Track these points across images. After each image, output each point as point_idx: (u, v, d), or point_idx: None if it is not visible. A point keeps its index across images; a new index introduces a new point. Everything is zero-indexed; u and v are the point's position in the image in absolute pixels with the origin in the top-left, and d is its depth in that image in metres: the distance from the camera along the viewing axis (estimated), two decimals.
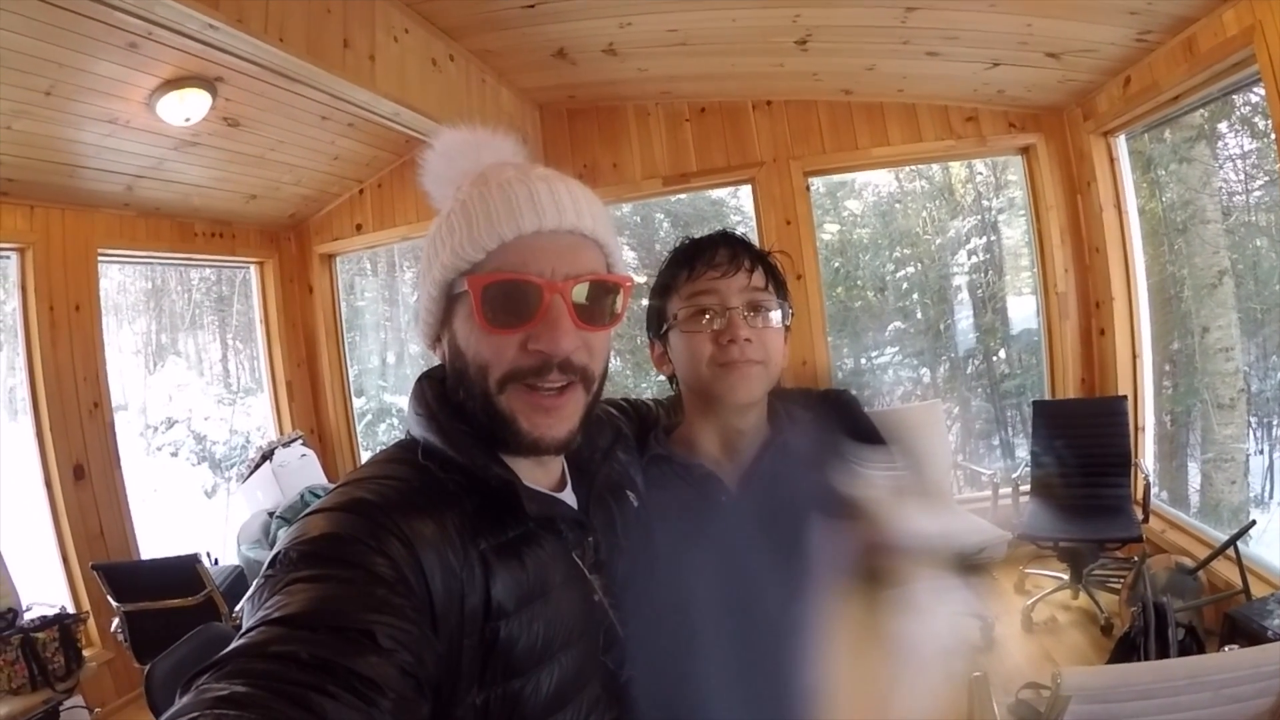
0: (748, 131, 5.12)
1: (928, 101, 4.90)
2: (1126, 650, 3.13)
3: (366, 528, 0.75)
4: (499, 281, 0.84)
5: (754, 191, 5.19)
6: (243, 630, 0.67)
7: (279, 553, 0.74)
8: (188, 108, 3.78)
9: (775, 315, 1.22)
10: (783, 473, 1.23)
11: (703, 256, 1.23)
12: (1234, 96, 4.18)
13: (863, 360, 7.77)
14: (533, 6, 3.59)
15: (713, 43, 4.14)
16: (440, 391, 0.93)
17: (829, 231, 7.88)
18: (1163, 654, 2.91)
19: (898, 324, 7.78)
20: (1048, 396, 5.00)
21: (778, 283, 1.26)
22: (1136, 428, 4.54)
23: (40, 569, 4.35)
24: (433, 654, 0.73)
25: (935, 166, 7.01)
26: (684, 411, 1.30)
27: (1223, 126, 4.84)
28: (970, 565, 3.96)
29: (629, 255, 8.70)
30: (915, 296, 7.76)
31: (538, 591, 0.86)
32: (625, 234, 8.24)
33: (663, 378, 1.34)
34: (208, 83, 3.71)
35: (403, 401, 6.00)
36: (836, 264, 7.63)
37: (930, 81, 4.63)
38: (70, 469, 4.36)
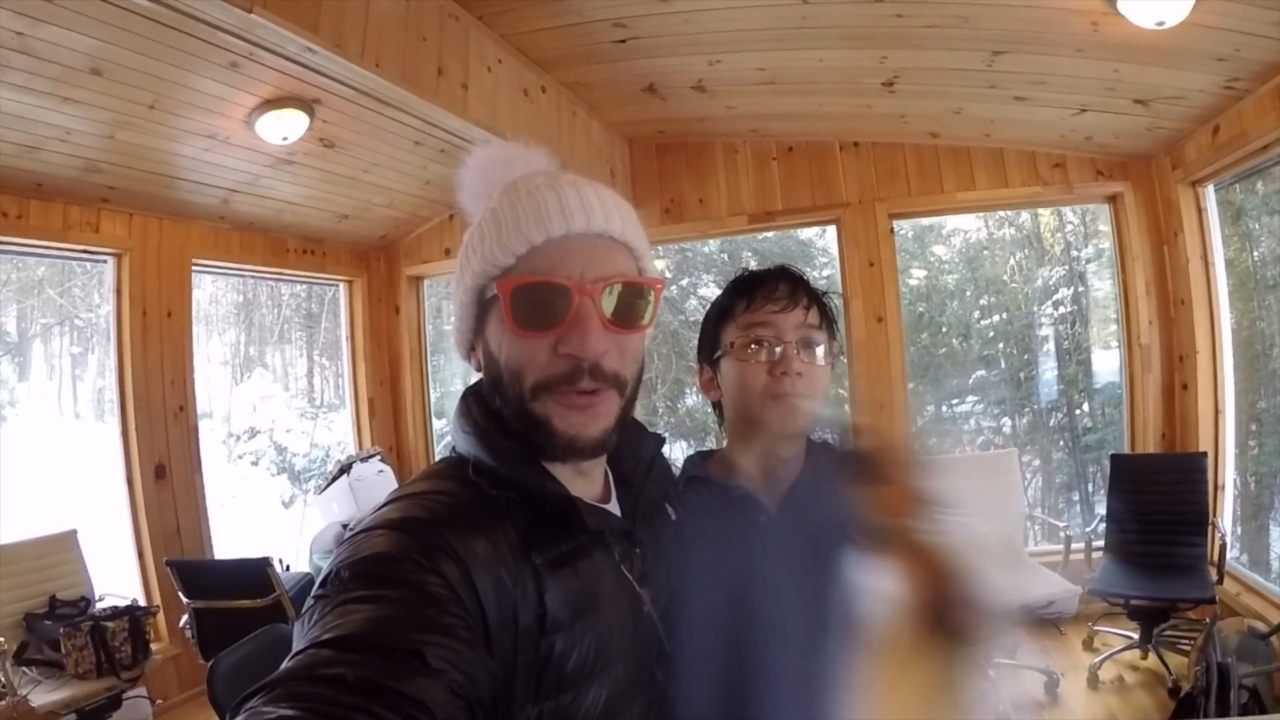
0: (834, 172, 5.15)
1: (1015, 147, 4.88)
2: (1187, 710, 3.07)
3: (418, 546, 0.75)
4: (528, 284, 0.84)
5: (839, 232, 5.21)
6: (294, 651, 0.67)
7: (330, 573, 0.75)
8: (285, 127, 3.93)
9: (823, 352, 1.27)
10: (819, 498, 1.24)
11: (762, 289, 1.27)
12: None
13: (944, 408, 7.70)
14: (624, 42, 3.69)
15: (800, 83, 4.21)
16: (486, 407, 0.92)
17: (915, 276, 7.88)
18: (1222, 715, 2.83)
19: (981, 372, 7.70)
20: (1127, 450, 4.89)
21: (829, 322, 1.30)
22: (1216, 486, 4.40)
23: (116, 563, 4.53)
24: (485, 673, 0.72)
25: (1024, 214, 6.97)
26: (726, 436, 1.34)
27: None
28: (1038, 620, 3.85)
29: (713, 292, 8.73)
30: (1000, 345, 7.68)
31: (589, 605, 0.86)
32: (712, 271, 8.28)
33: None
34: (305, 104, 3.86)
35: None
36: (921, 309, 7.59)
37: (1017, 127, 4.61)
38: (152, 468, 4.55)
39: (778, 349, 1.23)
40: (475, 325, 0.92)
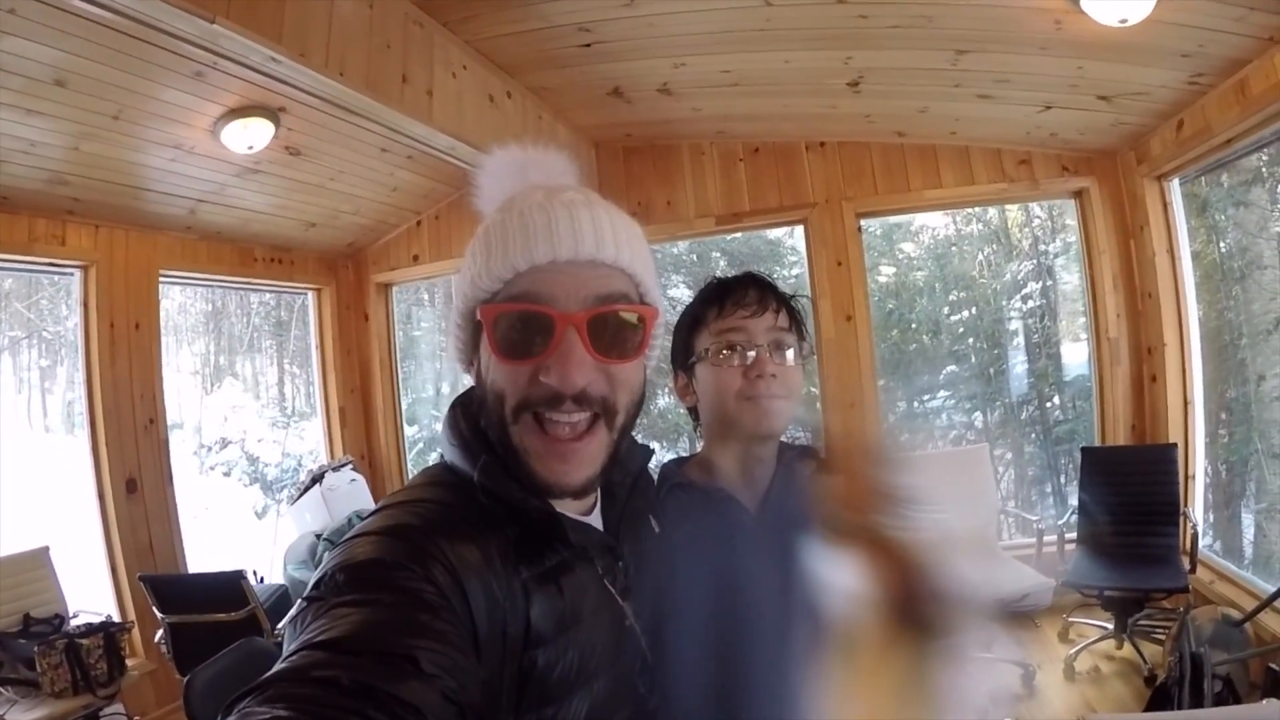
0: (800, 172, 5.21)
1: (981, 144, 4.96)
2: (1161, 700, 3.10)
3: (412, 552, 0.75)
4: (509, 312, 0.84)
5: (806, 232, 5.26)
6: (286, 653, 0.67)
7: (324, 576, 0.75)
8: (251, 136, 3.94)
9: (794, 353, 1.32)
10: (795, 496, 1.30)
11: (732, 296, 1.32)
12: None
13: (915, 404, 7.78)
14: (589, 46, 3.73)
15: (765, 84, 4.25)
16: (474, 421, 0.92)
17: (884, 274, 7.96)
18: (1196, 704, 2.87)
19: (952, 368, 7.79)
20: (1098, 443, 4.97)
21: (798, 324, 1.35)
22: (1186, 476, 4.48)
23: (89, 578, 4.49)
24: (476, 680, 0.73)
25: (992, 210, 7.04)
26: (703, 440, 1.38)
27: None
28: (1012, 613, 3.88)
29: (683, 293, 8.79)
30: (970, 340, 7.78)
31: (572, 619, 0.86)
32: (681, 272, 8.33)
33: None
34: (271, 112, 3.87)
35: None
36: (890, 306, 7.68)
37: (983, 124, 4.69)
38: (124, 482, 4.53)
39: (750, 353, 1.28)
40: (471, 343, 0.92)
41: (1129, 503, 4.34)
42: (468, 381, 0.96)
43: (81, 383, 4.64)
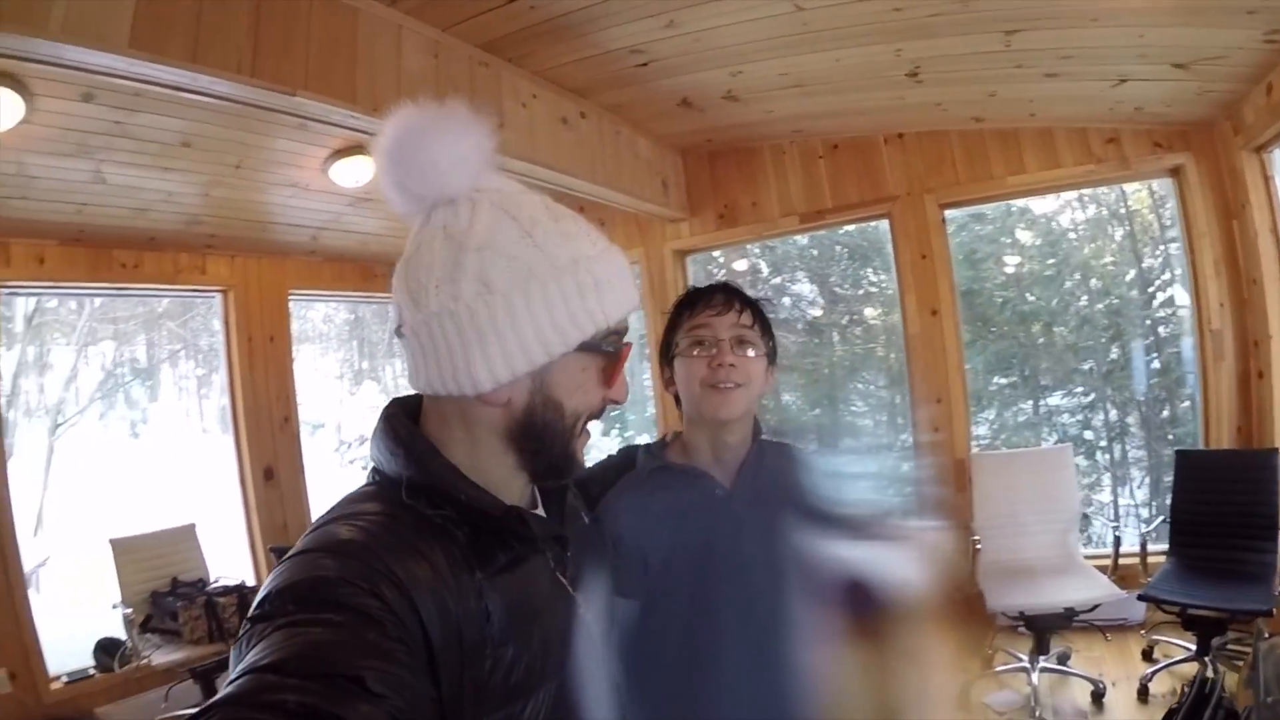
0: (880, 165, 5.28)
1: (1064, 124, 4.86)
2: None
3: (358, 570, 0.76)
4: (626, 348, 0.96)
5: (890, 226, 5.35)
6: (231, 677, 0.68)
7: (267, 595, 0.76)
8: (356, 171, 4.51)
9: (756, 349, 1.57)
10: (764, 476, 1.60)
11: (702, 299, 1.59)
12: None
13: (1037, 403, 7.76)
14: (645, 65, 4.02)
15: (825, 82, 4.38)
16: (415, 427, 0.95)
17: (1009, 264, 7.92)
18: None
19: (1089, 363, 7.62)
20: (1201, 446, 4.77)
21: (764, 324, 1.60)
22: None
23: (230, 552, 5.44)
24: (426, 699, 0.75)
25: (1114, 192, 6.89)
26: (683, 425, 1.66)
27: None
28: (1086, 625, 3.75)
29: (805, 288, 9.03)
30: (1091, 335, 7.60)
31: (531, 613, 0.91)
32: (806, 267, 8.69)
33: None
34: (369, 150, 4.36)
35: None
36: (1006, 297, 7.65)
37: (1060, 103, 4.62)
38: (262, 471, 5.38)
39: (714, 347, 1.53)
40: (533, 365, 0.90)
41: (1224, 513, 4.14)
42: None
43: (225, 388, 5.50)
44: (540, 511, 1.05)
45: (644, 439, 1.82)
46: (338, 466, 10.50)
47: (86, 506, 9.80)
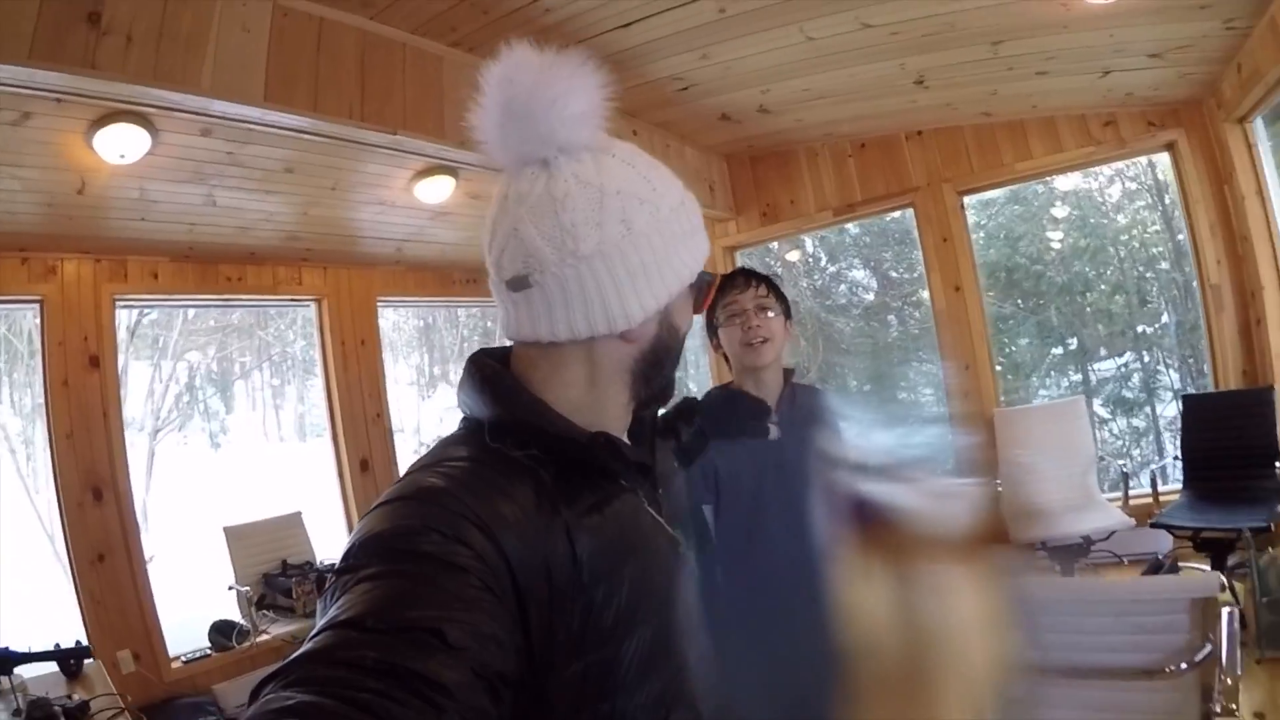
0: (903, 160, 6.00)
1: (1064, 112, 5.47)
2: None
3: (440, 515, 0.76)
4: (717, 277, 1.05)
5: (915, 213, 6.05)
6: (312, 633, 0.68)
7: (350, 548, 0.76)
8: (438, 190, 5.14)
9: (774, 311, 2.15)
10: (798, 408, 2.20)
11: (730, 283, 2.17)
12: None
13: (1091, 369, 8.32)
14: (686, 89, 4.75)
15: (846, 94, 5.06)
16: (503, 368, 0.97)
17: (1055, 239, 8.54)
18: None
19: (1113, 328, 8.17)
20: (1211, 389, 5.36)
21: (777, 292, 2.19)
22: None
23: (333, 537, 5.99)
24: (511, 647, 0.74)
25: (1140, 165, 7.44)
26: (733, 375, 2.28)
27: None
28: (1102, 556, 4.30)
29: (860, 274, 9.69)
30: (1118, 299, 8.19)
31: (625, 551, 0.89)
32: (860, 255, 9.47)
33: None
34: (451, 170, 5.02)
35: None
36: (1039, 271, 8.19)
37: (1057, 95, 5.21)
38: (359, 462, 6.04)
39: (743, 316, 2.12)
40: (670, 297, 0.96)
41: (1227, 447, 4.70)
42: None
43: (321, 390, 6.24)
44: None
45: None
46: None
47: (186, 506, 10.58)
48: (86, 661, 3.58)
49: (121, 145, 3.68)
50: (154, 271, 5.12)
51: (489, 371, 0.94)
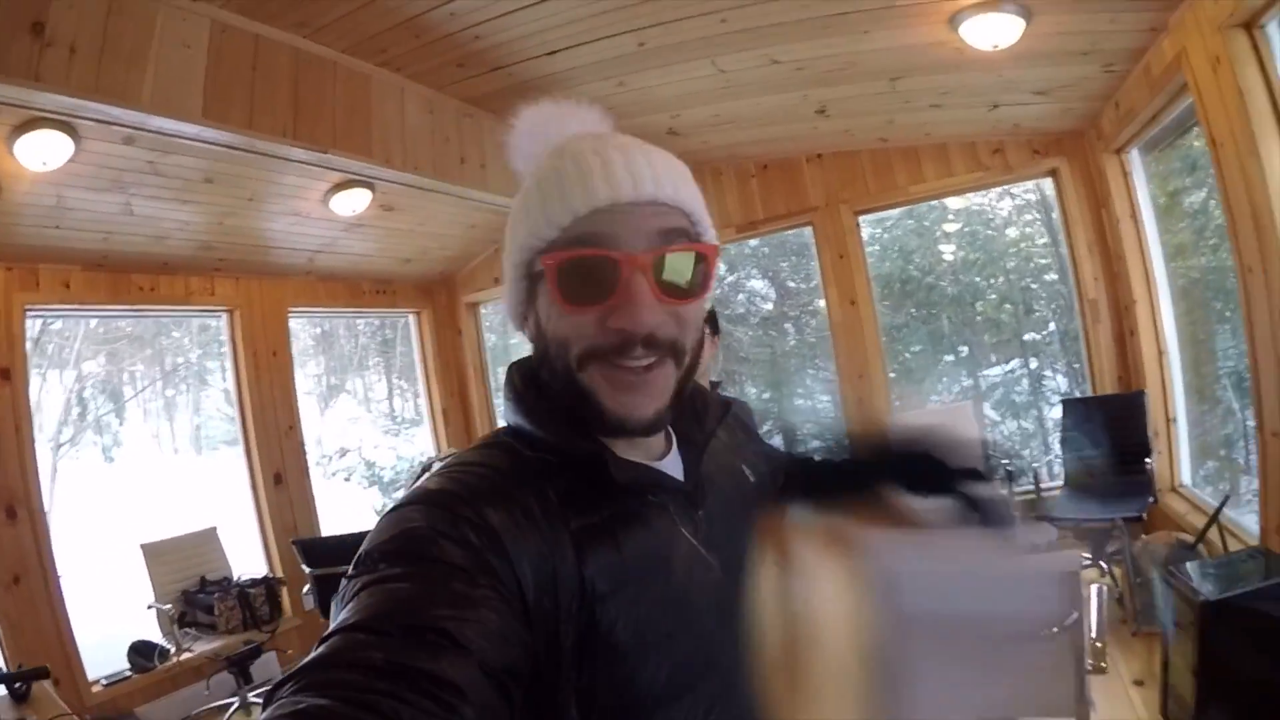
0: (803, 181, 6.30)
1: (956, 140, 5.86)
2: None
3: (444, 518, 0.77)
4: (573, 258, 0.84)
5: (814, 232, 6.39)
6: (322, 637, 0.69)
7: (363, 552, 0.77)
8: (353, 202, 5.26)
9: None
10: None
11: None
12: None
13: (980, 375, 8.84)
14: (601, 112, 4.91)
15: (751, 120, 5.37)
16: (528, 376, 0.94)
17: (947, 252, 8.99)
18: None
19: (1001, 337, 8.66)
20: (1090, 394, 5.78)
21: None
22: (1167, 419, 5.26)
23: (247, 550, 6.00)
24: (521, 646, 0.73)
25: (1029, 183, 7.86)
26: None
27: None
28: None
29: (759, 284, 9.97)
30: (1007, 309, 8.68)
31: (639, 572, 0.85)
32: (756, 266, 9.63)
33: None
34: (367, 183, 5.12)
35: None
36: (931, 283, 8.63)
37: (948, 125, 5.60)
38: (272, 475, 6.04)
39: None
40: (526, 297, 0.92)
41: (1103, 446, 5.08)
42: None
43: (234, 400, 6.23)
44: (671, 466, 0.97)
45: None
46: (322, 479, 10.57)
47: (90, 522, 10.20)
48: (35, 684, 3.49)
49: (44, 152, 3.67)
50: (66, 281, 5.06)
51: (515, 378, 0.95)
